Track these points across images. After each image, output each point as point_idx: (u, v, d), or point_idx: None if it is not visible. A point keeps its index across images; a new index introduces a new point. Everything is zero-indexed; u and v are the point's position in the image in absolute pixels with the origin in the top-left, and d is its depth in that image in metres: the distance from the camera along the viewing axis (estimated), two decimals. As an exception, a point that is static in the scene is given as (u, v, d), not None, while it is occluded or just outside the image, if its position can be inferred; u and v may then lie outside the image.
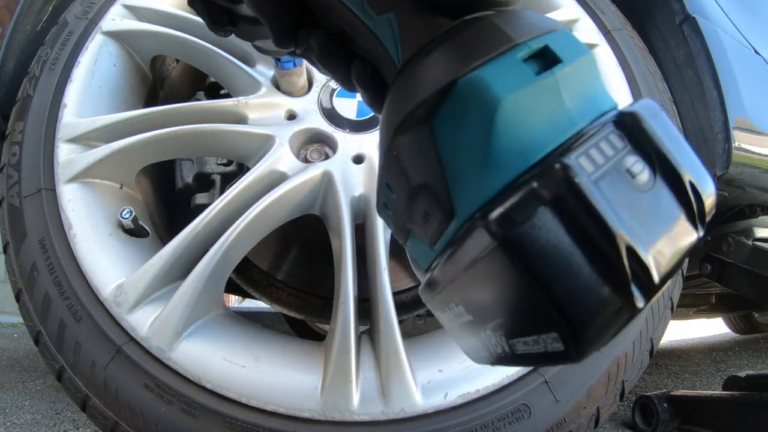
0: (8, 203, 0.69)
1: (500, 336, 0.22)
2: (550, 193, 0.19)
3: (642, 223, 0.19)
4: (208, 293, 0.63)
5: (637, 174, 0.20)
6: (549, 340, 0.19)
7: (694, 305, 2.07)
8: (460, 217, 0.23)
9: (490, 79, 0.21)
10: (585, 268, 0.18)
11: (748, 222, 1.16)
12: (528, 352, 0.21)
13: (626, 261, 0.18)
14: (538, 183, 0.19)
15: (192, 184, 0.85)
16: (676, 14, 0.91)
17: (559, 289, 0.18)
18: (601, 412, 0.64)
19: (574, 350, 0.19)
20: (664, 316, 0.70)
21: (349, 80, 0.32)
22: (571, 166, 0.19)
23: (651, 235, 0.19)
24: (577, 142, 0.20)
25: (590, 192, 0.18)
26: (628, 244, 0.18)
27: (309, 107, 0.74)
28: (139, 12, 0.81)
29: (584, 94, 0.22)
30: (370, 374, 0.61)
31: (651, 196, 0.20)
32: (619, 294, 0.18)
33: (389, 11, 0.27)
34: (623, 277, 0.18)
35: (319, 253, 0.89)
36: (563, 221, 0.19)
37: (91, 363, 0.60)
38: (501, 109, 0.21)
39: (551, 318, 0.19)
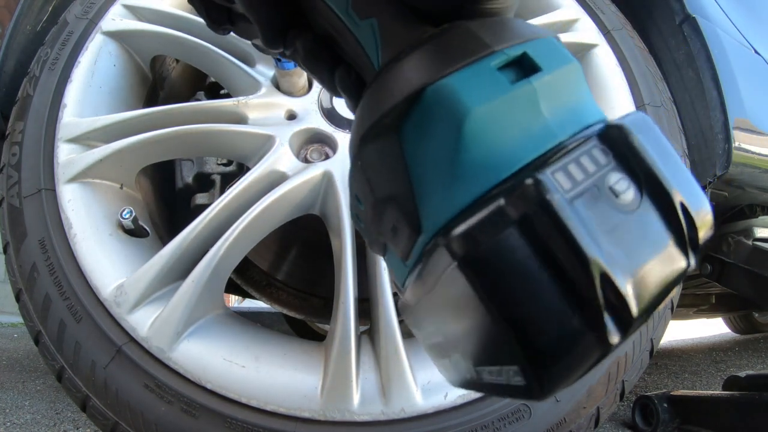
0: (8, 203, 0.69)
1: (468, 361, 0.20)
2: (517, 211, 0.17)
3: (623, 248, 0.17)
4: (208, 293, 0.63)
5: (621, 193, 0.18)
6: (511, 373, 0.18)
7: (694, 305, 2.06)
8: (426, 232, 0.21)
9: (459, 88, 0.20)
10: (552, 296, 0.16)
11: (748, 222, 1.16)
12: (493, 382, 0.19)
13: (600, 290, 0.16)
14: (505, 199, 0.17)
15: (192, 184, 0.85)
16: (676, 14, 0.91)
17: (522, 319, 0.17)
18: (601, 412, 0.64)
19: (536, 387, 0.17)
20: (664, 316, 0.70)
21: (333, 85, 0.32)
22: (543, 182, 0.17)
23: (632, 262, 0.17)
24: (554, 156, 0.18)
25: (563, 211, 0.17)
26: (603, 271, 0.16)
27: (309, 107, 0.74)
28: (139, 12, 0.81)
29: (566, 105, 0.21)
30: (371, 374, 0.61)
31: (635, 217, 0.18)
32: (590, 327, 0.16)
33: (372, 17, 0.26)
34: (595, 308, 0.16)
35: (319, 253, 0.89)
36: (531, 243, 0.17)
37: (91, 363, 0.60)
38: (469, 119, 0.19)
39: (512, 350, 0.17)
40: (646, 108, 0.78)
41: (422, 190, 0.21)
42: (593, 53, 0.82)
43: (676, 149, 0.75)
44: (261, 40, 0.32)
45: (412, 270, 0.23)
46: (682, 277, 0.19)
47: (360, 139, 0.23)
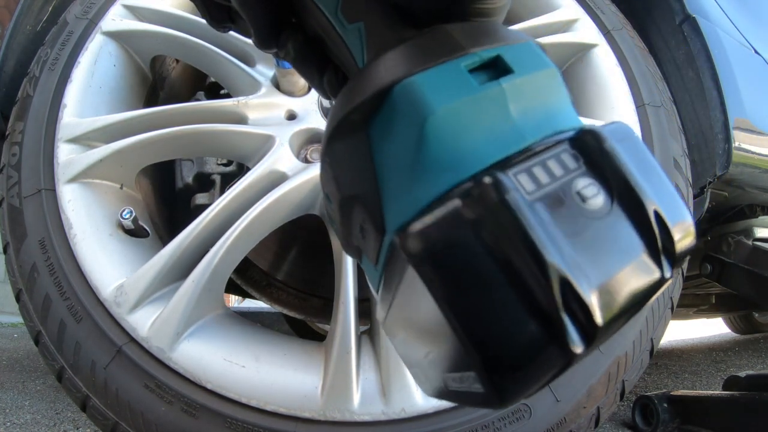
0: (8, 204, 0.69)
1: (435, 369, 0.20)
2: (473, 210, 0.16)
3: (588, 255, 0.16)
4: (208, 293, 0.63)
5: (588, 198, 0.17)
6: (471, 380, 0.17)
7: (694, 305, 2.07)
8: (389, 232, 0.21)
9: (424, 86, 0.19)
10: (509, 301, 0.16)
11: (748, 222, 1.17)
12: (458, 390, 0.19)
13: (558, 297, 0.15)
14: (461, 199, 0.17)
15: (192, 184, 0.85)
16: (676, 14, 0.91)
17: (477, 324, 0.16)
18: (601, 412, 0.64)
19: (494, 395, 0.16)
20: (664, 316, 0.70)
21: (322, 86, 0.32)
22: (502, 182, 0.16)
23: (598, 270, 0.16)
24: (520, 158, 0.18)
25: (521, 212, 0.16)
26: (563, 276, 0.15)
27: (309, 107, 0.74)
28: (139, 12, 0.81)
29: (539, 109, 0.20)
30: (371, 374, 0.61)
31: (603, 224, 0.17)
32: (550, 336, 0.15)
33: (360, 20, 0.26)
34: (555, 316, 0.15)
35: (319, 253, 0.89)
36: (487, 244, 0.16)
37: (92, 363, 0.60)
38: (432, 117, 0.19)
39: (468, 356, 0.16)
40: (646, 108, 0.78)
41: (387, 189, 0.21)
42: (593, 53, 0.82)
43: (676, 150, 0.75)
44: (254, 40, 0.32)
45: (381, 274, 0.22)
46: (657, 287, 0.18)
47: (328, 137, 0.23)
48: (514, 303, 0.16)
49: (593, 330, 0.16)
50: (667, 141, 0.76)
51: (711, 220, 1.22)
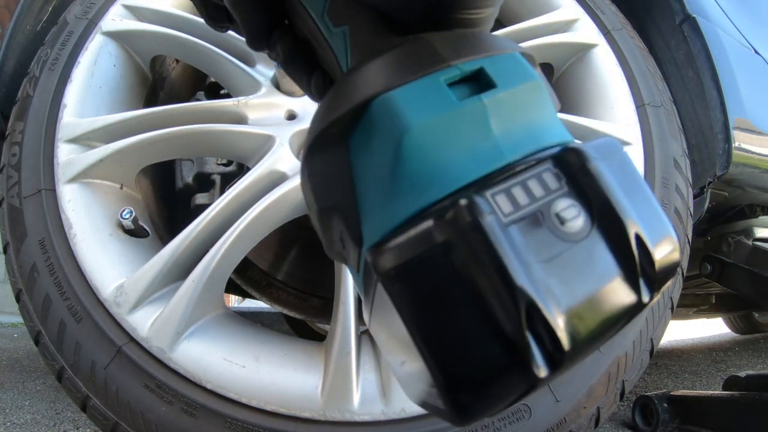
0: (8, 204, 0.69)
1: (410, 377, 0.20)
2: (445, 233, 0.16)
3: (560, 279, 0.16)
4: (208, 293, 0.63)
5: (567, 220, 0.17)
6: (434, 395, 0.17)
7: (694, 305, 2.07)
8: (366, 246, 0.20)
9: (402, 102, 0.19)
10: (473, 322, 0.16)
11: (748, 222, 1.17)
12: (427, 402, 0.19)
13: (524, 321, 0.15)
14: (435, 220, 0.17)
15: (192, 184, 0.85)
16: (676, 14, 0.91)
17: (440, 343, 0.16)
18: (601, 412, 0.64)
19: (453, 412, 0.17)
20: (664, 316, 0.70)
21: (310, 89, 0.32)
22: (477, 204, 0.16)
23: (569, 294, 0.16)
24: (499, 178, 0.18)
25: (492, 236, 0.16)
26: (530, 300, 0.15)
27: (309, 107, 0.74)
28: (139, 12, 0.81)
29: (521, 124, 0.20)
30: (371, 374, 0.61)
31: (580, 248, 0.17)
32: (513, 359, 0.15)
33: (345, 24, 0.25)
34: (518, 339, 0.15)
35: (319, 253, 0.89)
36: (456, 267, 0.16)
37: (92, 363, 0.60)
38: (409, 134, 0.19)
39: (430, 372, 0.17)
40: (645, 108, 0.78)
41: (365, 203, 0.21)
42: (593, 53, 0.82)
43: (676, 150, 0.75)
44: (245, 41, 0.32)
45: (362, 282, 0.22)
46: (634, 312, 0.18)
47: (307, 149, 0.23)
48: (478, 325, 0.16)
49: (560, 355, 0.16)
50: (667, 141, 0.76)
51: (711, 220, 1.22)
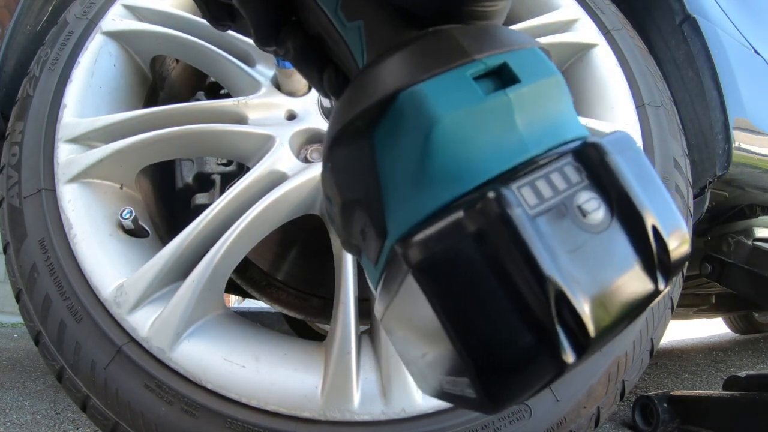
0: (8, 204, 0.69)
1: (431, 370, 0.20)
2: (474, 224, 0.17)
3: (585, 269, 0.17)
4: (208, 293, 0.63)
5: (589, 212, 0.18)
6: (464, 385, 0.18)
7: (694, 305, 2.07)
8: (391, 238, 0.21)
9: (430, 95, 0.19)
10: (505, 312, 0.16)
11: (748, 222, 1.17)
12: (452, 392, 0.19)
13: (554, 308, 0.16)
14: (464, 212, 0.17)
15: (192, 184, 0.85)
16: (676, 14, 0.91)
17: (472, 332, 0.17)
18: (601, 412, 0.64)
19: (485, 400, 0.17)
20: (664, 316, 0.70)
21: (322, 86, 0.32)
22: (505, 196, 0.17)
23: (593, 283, 0.17)
24: (524, 171, 0.18)
25: (522, 227, 0.16)
26: (559, 289, 0.16)
27: (309, 107, 0.74)
28: (139, 12, 0.81)
29: (544, 119, 0.20)
30: (371, 374, 0.61)
31: (602, 238, 0.18)
32: (543, 345, 0.16)
33: (360, 19, 0.25)
34: (549, 326, 0.16)
35: (319, 253, 0.89)
36: (485, 257, 0.16)
37: (92, 363, 0.60)
38: (438, 127, 0.19)
39: (462, 362, 0.17)
40: (645, 108, 0.77)
41: (390, 195, 0.21)
42: (593, 53, 0.82)
43: (676, 150, 0.75)
44: (253, 38, 0.32)
45: (381, 274, 0.22)
46: (651, 300, 0.18)
47: (331, 142, 0.23)
48: (509, 314, 0.16)
49: (586, 341, 0.16)
50: (667, 141, 0.76)
51: (711, 220, 1.22)
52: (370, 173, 0.22)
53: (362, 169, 0.22)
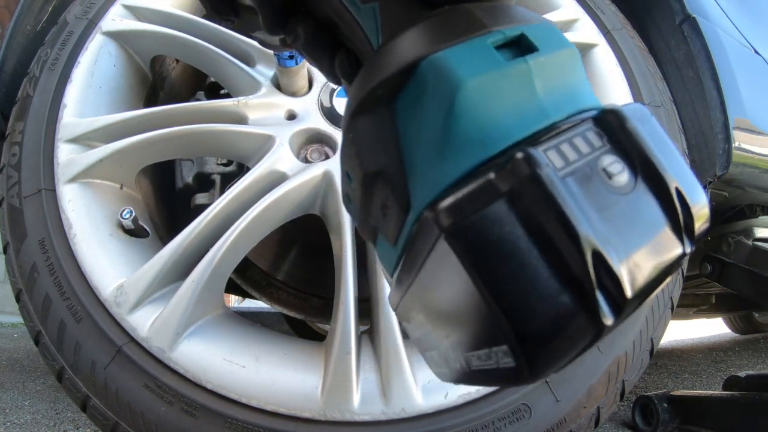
0: (8, 203, 0.69)
1: (457, 349, 0.19)
2: (507, 184, 0.17)
3: (616, 229, 0.17)
4: (208, 293, 0.63)
5: (614, 175, 0.18)
6: (500, 354, 0.17)
7: (694, 305, 2.07)
8: (415, 209, 0.21)
9: (454, 60, 0.20)
10: (542, 272, 0.16)
11: (748, 222, 1.16)
12: (482, 368, 0.19)
13: (592, 268, 0.16)
14: (495, 173, 0.17)
15: (192, 184, 0.85)
16: (676, 14, 0.91)
17: (510, 295, 0.16)
18: (601, 412, 0.64)
19: (526, 368, 0.17)
20: (664, 316, 0.70)
21: (333, 71, 0.32)
22: (534, 157, 0.17)
23: (626, 243, 0.17)
24: (547, 136, 0.18)
25: (555, 187, 0.16)
26: (595, 249, 0.16)
27: (309, 107, 0.74)
28: (139, 12, 0.81)
29: (562, 87, 0.21)
30: (371, 374, 0.61)
31: (629, 200, 0.18)
32: (582, 307, 0.16)
33: (374, 1, 0.25)
34: (588, 286, 0.16)
35: (319, 253, 0.89)
36: (520, 217, 0.16)
37: (92, 363, 0.60)
38: (463, 91, 0.19)
39: (501, 328, 0.16)
40: (646, 108, 0.77)
41: (413, 165, 0.21)
42: (593, 53, 0.82)
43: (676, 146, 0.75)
44: (262, 25, 0.32)
45: (400, 255, 0.22)
46: (678, 263, 0.18)
47: (353, 111, 0.23)
48: (547, 274, 0.16)
49: (623, 302, 0.16)
50: (667, 141, 0.76)
51: (711, 220, 1.22)
52: (391, 143, 0.22)
53: (384, 139, 0.22)
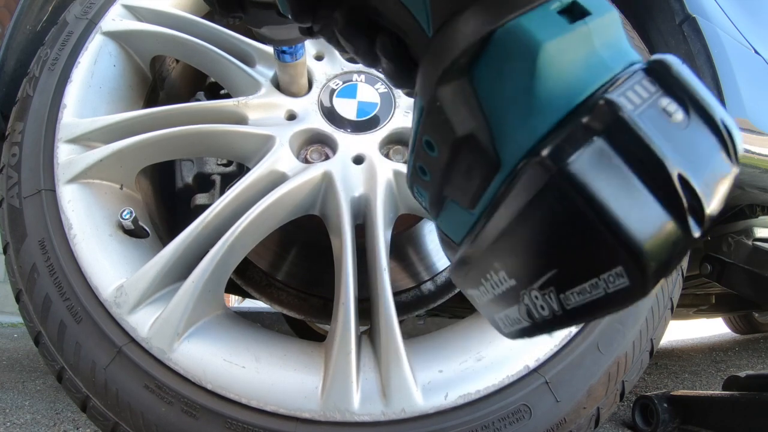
0: (8, 204, 0.69)
1: (550, 294, 0.22)
2: (600, 125, 0.20)
3: (687, 157, 0.20)
4: (208, 294, 0.63)
5: (672, 113, 0.21)
6: (611, 279, 0.19)
7: (694, 305, 2.06)
8: (506, 166, 0.23)
9: (529, 27, 0.22)
10: (644, 196, 0.19)
11: (748, 222, 1.16)
12: (582, 303, 0.21)
13: (680, 188, 0.19)
14: (587, 117, 0.20)
15: (192, 185, 0.85)
16: (676, 14, 0.91)
17: (623, 219, 0.19)
18: (601, 412, 0.64)
19: (641, 283, 0.19)
20: (664, 316, 0.70)
21: (370, 53, 0.33)
22: (616, 102, 0.20)
23: (697, 166, 0.20)
24: (613, 86, 0.21)
25: (637, 124, 0.19)
26: (679, 173, 0.19)
27: (309, 107, 0.74)
28: (139, 12, 0.81)
29: (614, 44, 0.24)
30: (371, 374, 0.61)
31: (688, 132, 0.21)
32: (677, 221, 0.19)
33: None
34: (680, 204, 0.19)
35: (319, 254, 0.89)
36: (617, 151, 0.19)
37: (92, 364, 0.60)
38: (542, 53, 0.22)
39: (615, 251, 0.19)
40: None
41: (499, 126, 0.24)
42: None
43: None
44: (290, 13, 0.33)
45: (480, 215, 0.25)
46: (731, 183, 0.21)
47: (438, 81, 0.25)
48: (649, 196, 0.19)
49: (704, 217, 0.19)
50: (667, 141, 0.76)
51: (711, 220, 1.22)
52: (476, 107, 0.24)
53: (469, 104, 0.25)
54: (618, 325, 0.65)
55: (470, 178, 0.25)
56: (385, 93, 0.77)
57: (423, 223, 0.89)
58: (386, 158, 0.71)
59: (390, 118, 0.75)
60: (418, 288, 0.89)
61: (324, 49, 0.82)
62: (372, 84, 0.78)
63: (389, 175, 0.69)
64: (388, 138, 0.73)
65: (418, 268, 0.90)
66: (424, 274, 0.90)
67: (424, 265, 0.90)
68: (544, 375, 0.61)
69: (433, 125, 0.27)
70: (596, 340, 0.64)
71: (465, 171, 0.25)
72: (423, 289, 0.90)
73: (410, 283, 0.88)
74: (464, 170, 0.25)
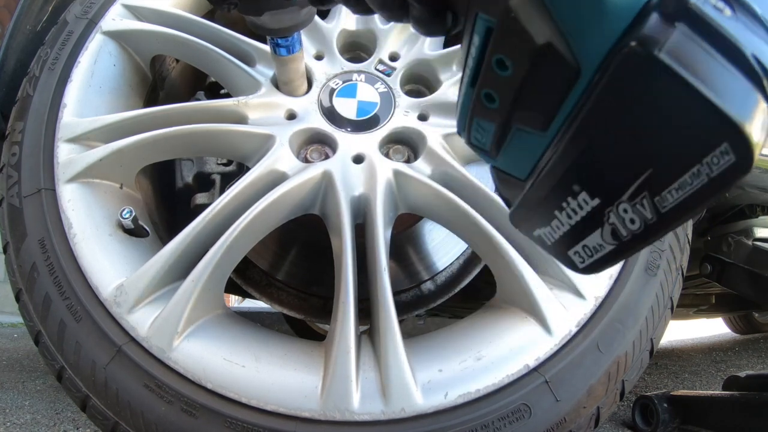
0: (8, 203, 0.69)
1: (642, 201, 0.22)
2: (677, 13, 0.20)
3: (749, 39, 0.21)
4: (208, 293, 0.63)
5: (722, 9, 0.21)
6: (715, 160, 0.20)
7: (694, 305, 2.06)
8: (587, 71, 0.23)
9: None
10: (733, 73, 0.20)
11: (748, 222, 1.17)
12: (682, 199, 0.21)
13: (756, 64, 0.20)
14: (662, 9, 0.20)
15: (192, 184, 0.85)
16: (676, 14, 0.91)
17: (722, 96, 0.19)
18: (601, 412, 0.64)
19: (747, 155, 0.19)
20: (664, 315, 0.70)
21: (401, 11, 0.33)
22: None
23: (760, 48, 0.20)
24: None
25: (708, 14, 0.20)
26: (753, 53, 0.20)
27: (309, 107, 0.74)
28: (139, 12, 0.81)
29: None
30: (371, 374, 0.61)
31: (739, 23, 0.21)
32: (762, 94, 0.19)
33: None
34: (760, 79, 0.20)
35: (319, 253, 0.89)
36: (699, 35, 0.20)
37: (92, 363, 0.60)
38: None
39: (719, 129, 0.19)
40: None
41: (573, 34, 0.24)
42: None
43: None
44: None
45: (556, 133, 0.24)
46: None
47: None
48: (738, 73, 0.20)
49: None
50: (667, 141, 0.76)
51: (711, 220, 1.22)
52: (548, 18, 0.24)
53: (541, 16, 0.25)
54: (618, 325, 0.65)
55: (548, 91, 0.25)
56: (385, 92, 0.77)
57: (423, 222, 0.89)
58: (386, 158, 0.71)
59: (390, 118, 0.75)
60: (418, 287, 0.89)
61: (324, 49, 0.82)
62: (372, 83, 0.78)
63: (389, 174, 0.69)
64: (387, 137, 0.73)
65: (418, 268, 0.90)
66: (423, 273, 0.90)
67: (423, 265, 0.90)
68: (544, 374, 0.61)
69: (507, 40, 0.26)
70: (596, 339, 0.64)
71: (542, 84, 0.25)
72: (423, 289, 0.90)
73: (410, 283, 0.88)
74: (541, 84, 0.25)
